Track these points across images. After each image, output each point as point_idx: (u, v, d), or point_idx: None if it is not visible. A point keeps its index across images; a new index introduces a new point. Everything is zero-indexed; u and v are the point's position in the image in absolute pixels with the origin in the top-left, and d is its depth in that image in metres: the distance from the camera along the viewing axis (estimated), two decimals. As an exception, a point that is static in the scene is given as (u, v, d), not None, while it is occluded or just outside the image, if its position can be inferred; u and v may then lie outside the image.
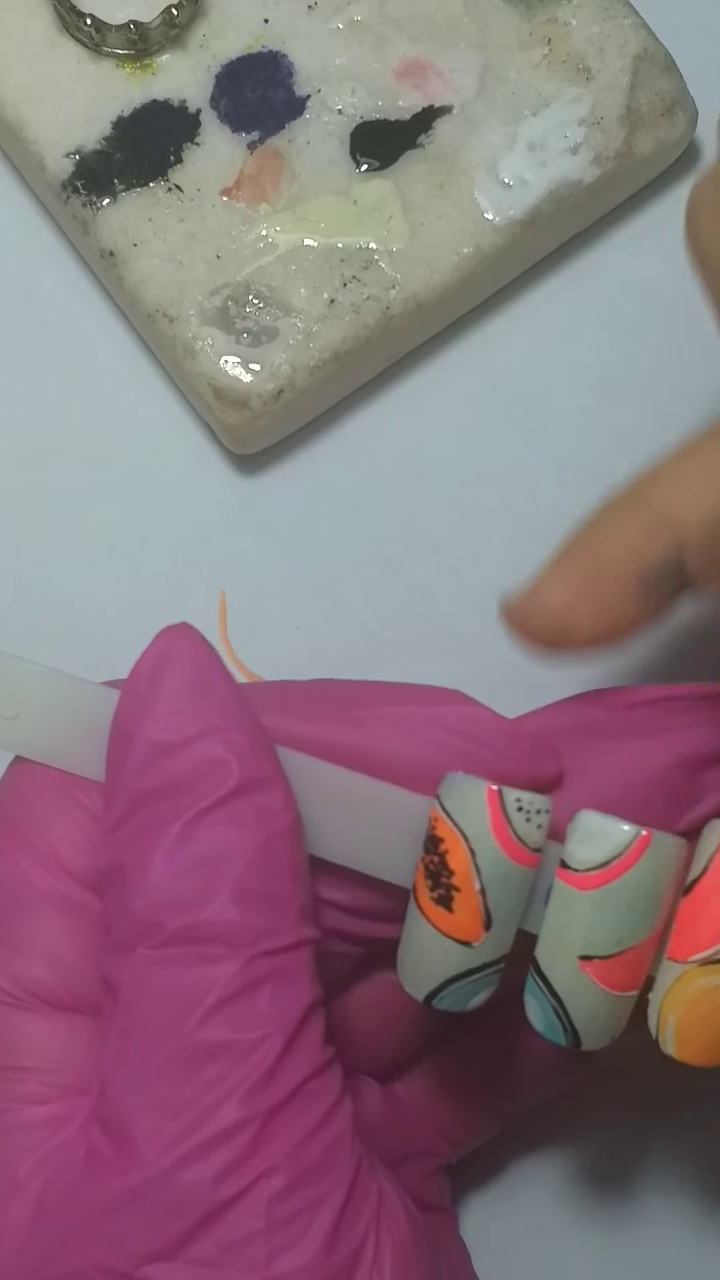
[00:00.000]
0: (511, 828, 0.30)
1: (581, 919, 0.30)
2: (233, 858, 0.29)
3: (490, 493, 0.43)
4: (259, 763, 0.30)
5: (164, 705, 0.30)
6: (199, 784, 0.29)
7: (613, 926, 0.30)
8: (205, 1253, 0.28)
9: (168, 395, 0.44)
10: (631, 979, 0.30)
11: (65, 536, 0.43)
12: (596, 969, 0.30)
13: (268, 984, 0.29)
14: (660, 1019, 0.30)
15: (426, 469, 0.44)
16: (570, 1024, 0.30)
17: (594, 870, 0.29)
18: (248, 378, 0.41)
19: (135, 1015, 0.29)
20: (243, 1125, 0.28)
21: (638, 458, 0.44)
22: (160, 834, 0.29)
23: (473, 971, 0.30)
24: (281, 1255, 0.28)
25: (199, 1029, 0.28)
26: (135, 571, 0.42)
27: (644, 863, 0.29)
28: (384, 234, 0.42)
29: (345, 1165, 0.29)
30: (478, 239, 0.42)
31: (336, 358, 0.41)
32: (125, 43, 0.42)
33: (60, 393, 0.44)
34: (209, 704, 0.30)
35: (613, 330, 0.45)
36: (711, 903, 0.30)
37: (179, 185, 0.42)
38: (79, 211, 0.42)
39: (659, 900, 0.30)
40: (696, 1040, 0.30)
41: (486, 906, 0.30)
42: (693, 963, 0.30)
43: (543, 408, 0.44)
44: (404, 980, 0.31)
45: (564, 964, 0.30)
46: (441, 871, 0.30)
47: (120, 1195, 0.28)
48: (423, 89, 0.43)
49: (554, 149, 0.43)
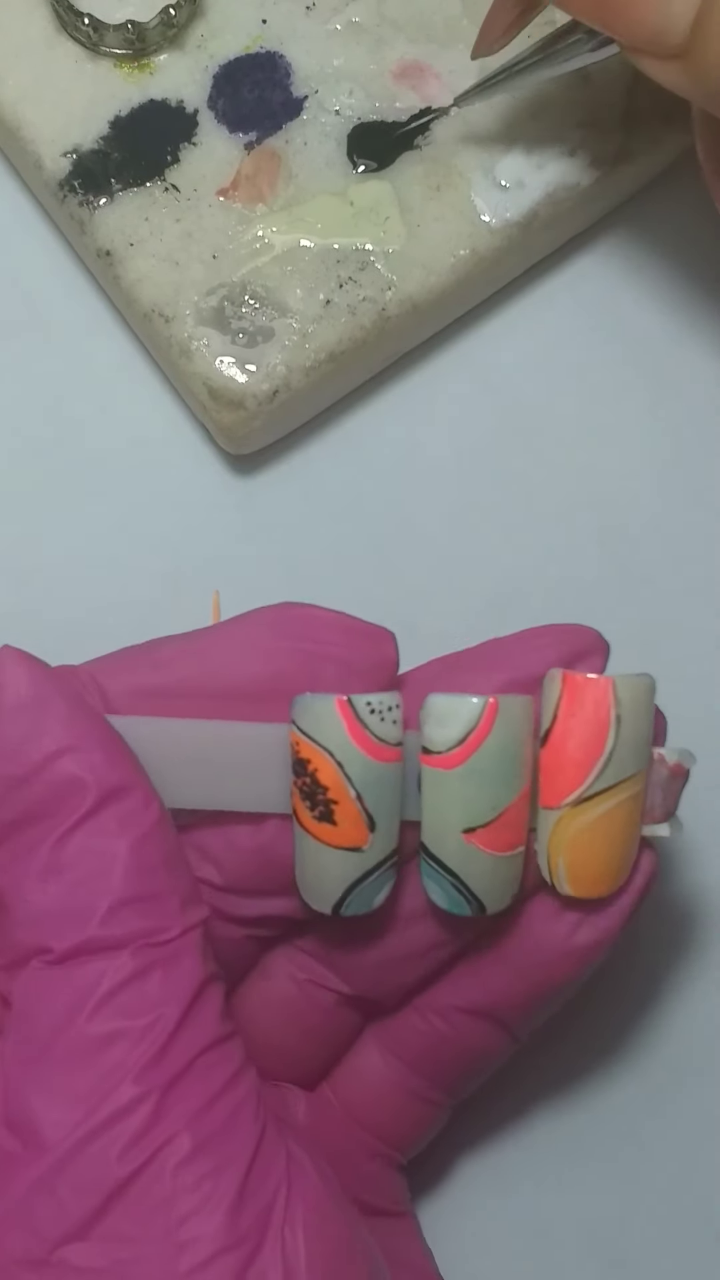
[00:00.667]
0: (369, 730, 0.31)
1: (456, 795, 0.31)
2: (105, 870, 0.30)
3: (485, 494, 0.43)
4: (113, 771, 0.30)
5: (5, 737, 0.30)
6: (59, 807, 0.30)
7: (486, 795, 0.31)
8: (117, 1227, 0.28)
9: (163, 395, 0.44)
10: (514, 837, 0.32)
11: (60, 536, 0.43)
12: (481, 837, 0.31)
13: (156, 970, 0.30)
14: (551, 864, 0.32)
15: (422, 470, 0.44)
16: (470, 894, 0.32)
17: (455, 748, 0.31)
18: (243, 378, 0.41)
19: (30, 1019, 0.30)
20: (140, 1100, 0.29)
21: (633, 460, 0.44)
22: (29, 861, 0.30)
23: (368, 873, 0.32)
24: (190, 1220, 0.28)
25: (92, 1020, 0.29)
26: (130, 571, 0.42)
27: (498, 728, 0.31)
28: (380, 235, 0.42)
29: (248, 1129, 0.30)
30: (474, 241, 0.42)
31: (332, 359, 0.41)
32: (123, 42, 0.42)
33: (55, 392, 0.44)
34: (49, 725, 0.30)
35: (609, 333, 0.45)
36: (567, 747, 0.32)
37: (176, 185, 0.42)
38: (76, 211, 0.42)
39: (520, 758, 0.31)
40: (588, 875, 0.32)
41: (367, 810, 0.31)
42: (566, 805, 0.32)
43: (539, 410, 0.44)
44: (308, 899, 0.32)
45: (450, 841, 0.31)
46: (316, 790, 0.31)
47: (29, 1185, 0.29)
48: (420, 91, 0.43)
49: (551, 151, 0.43)
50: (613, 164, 0.43)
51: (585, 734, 0.31)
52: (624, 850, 0.32)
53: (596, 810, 0.32)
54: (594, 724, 0.31)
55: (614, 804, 0.32)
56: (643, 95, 0.43)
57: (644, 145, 0.43)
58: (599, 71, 0.43)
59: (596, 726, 0.31)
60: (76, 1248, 0.29)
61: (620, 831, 0.32)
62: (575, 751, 0.31)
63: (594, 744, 0.31)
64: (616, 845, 0.32)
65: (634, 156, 0.43)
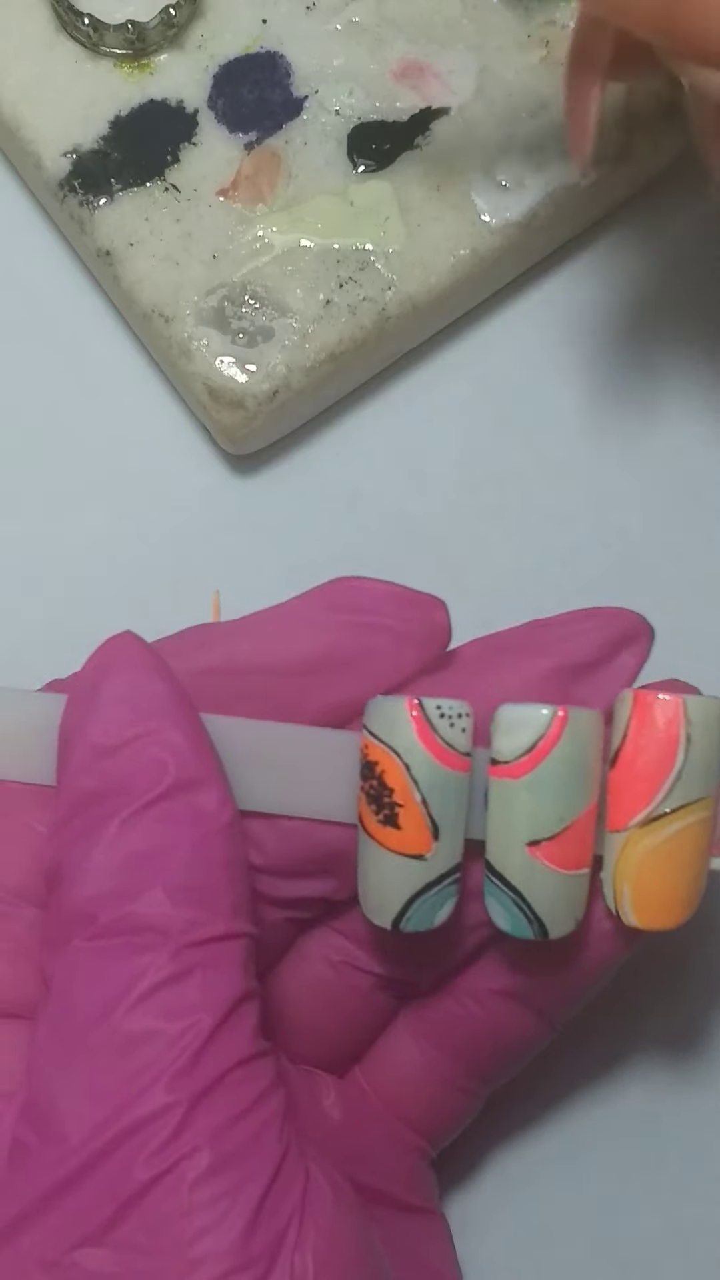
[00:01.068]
0: (438, 734, 0.31)
1: (522, 806, 0.31)
2: (167, 853, 0.30)
3: (485, 494, 0.43)
4: (195, 762, 0.31)
5: (104, 709, 0.31)
6: (136, 783, 0.30)
7: (552, 805, 0.31)
8: (131, 1236, 0.28)
9: (163, 395, 0.44)
10: (580, 855, 0.31)
11: (60, 535, 0.43)
12: (546, 851, 0.31)
13: (198, 972, 0.30)
14: (616, 892, 0.32)
15: (422, 470, 0.44)
16: (533, 913, 0.31)
17: (522, 757, 0.31)
18: (243, 378, 0.41)
19: (66, 1004, 0.30)
20: (168, 1109, 0.29)
21: (634, 460, 0.44)
22: (98, 832, 0.30)
23: (431, 885, 0.31)
24: (204, 1237, 0.28)
25: (128, 1016, 0.29)
26: (130, 571, 0.42)
27: (566, 738, 0.31)
28: (380, 235, 0.42)
29: (270, 1150, 0.29)
30: (474, 241, 0.42)
31: (332, 359, 0.41)
32: (123, 42, 0.42)
33: (55, 392, 0.44)
34: (146, 706, 0.31)
35: (609, 333, 0.45)
36: (636, 765, 0.31)
37: (176, 185, 0.42)
38: (76, 211, 0.42)
39: (588, 772, 0.31)
40: (654, 903, 0.32)
41: (431, 815, 0.31)
42: (633, 827, 0.31)
43: (539, 410, 0.44)
44: (369, 913, 0.32)
45: (515, 854, 0.31)
46: (382, 792, 0.31)
47: (50, 1185, 0.29)
48: (420, 90, 0.43)
49: (551, 151, 0.43)
50: (613, 164, 0.43)
51: (654, 752, 0.31)
52: (691, 878, 0.32)
53: (664, 832, 0.31)
54: (663, 742, 0.31)
55: (682, 826, 0.31)
56: (643, 95, 0.43)
57: (644, 145, 0.43)
58: (599, 71, 0.43)
59: (666, 745, 0.31)
60: (90, 1252, 0.28)
61: (688, 856, 0.32)
62: (644, 769, 0.31)
63: (663, 762, 0.31)
64: (684, 872, 0.32)
65: (634, 156, 0.43)
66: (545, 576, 0.43)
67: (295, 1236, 0.29)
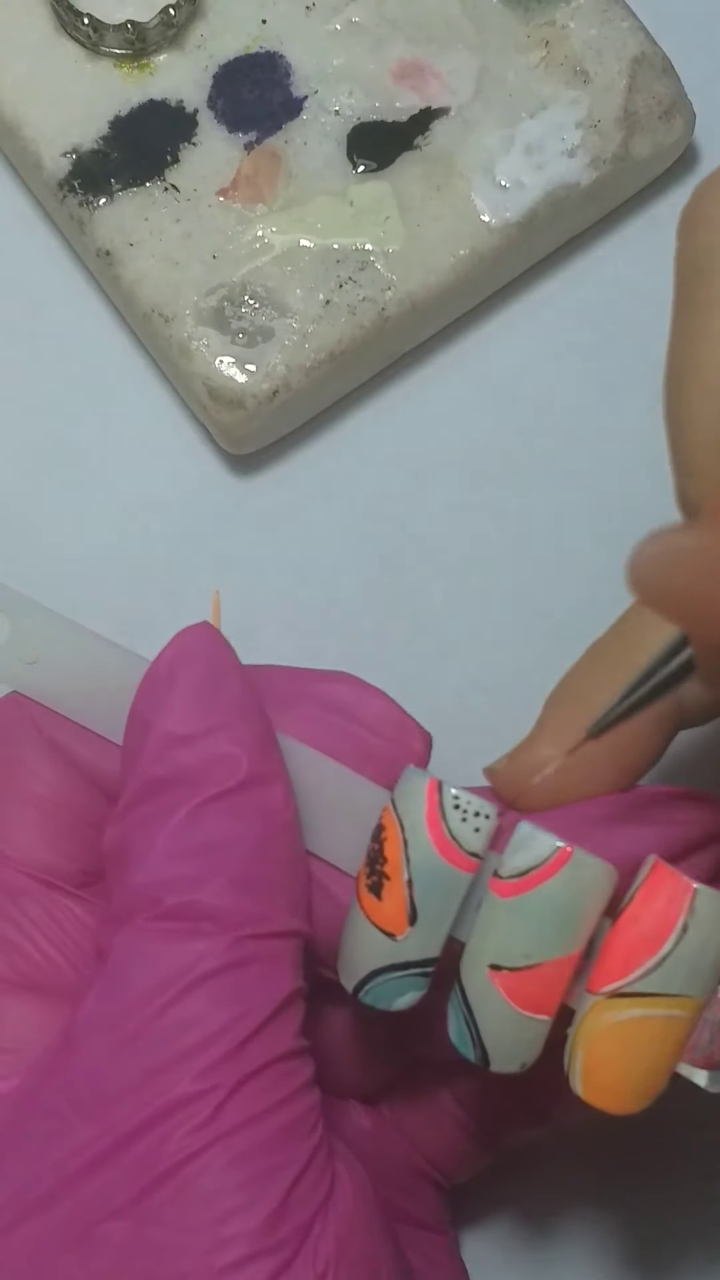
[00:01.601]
0: (446, 824, 0.30)
1: (497, 927, 0.30)
2: (232, 847, 0.30)
3: (485, 494, 0.43)
4: (265, 760, 0.31)
5: (180, 699, 0.31)
6: (208, 776, 0.31)
7: (522, 937, 0.29)
8: (160, 1212, 0.29)
9: (163, 395, 0.44)
10: (541, 1000, 0.30)
11: (59, 536, 0.43)
12: (505, 980, 0.30)
13: (253, 965, 0.30)
14: (570, 1055, 0.30)
15: (422, 470, 0.44)
16: (479, 1038, 0.30)
17: (515, 878, 0.30)
18: (243, 378, 0.41)
19: (120, 979, 0.30)
20: (208, 1092, 0.29)
21: (633, 460, 0.44)
22: (166, 819, 0.31)
23: (397, 967, 0.30)
24: (233, 1217, 0.28)
25: (181, 998, 0.29)
26: (129, 571, 0.42)
27: (561, 877, 0.29)
28: (380, 235, 0.42)
29: (303, 1144, 0.30)
30: (474, 241, 0.42)
31: (332, 359, 0.41)
32: (123, 42, 0.42)
33: (55, 392, 0.44)
34: (222, 701, 0.31)
35: (609, 333, 0.45)
36: (628, 934, 0.29)
37: (176, 185, 0.42)
38: (75, 210, 0.42)
39: (574, 920, 0.29)
40: (600, 1081, 0.30)
41: (412, 899, 0.30)
42: (602, 995, 0.29)
43: (539, 410, 0.44)
44: (340, 971, 0.32)
45: (477, 973, 0.30)
46: (377, 859, 0.31)
47: (87, 1158, 0.29)
48: (420, 91, 0.43)
49: (551, 151, 0.43)
50: (613, 164, 0.43)
51: (647, 927, 0.29)
52: (646, 1070, 0.30)
53: (629, 1012, 0.29)
54: (658, 922, 0.29)
55: (645, 1015, 0.29)
56: (643, 95, 0.43)
57: (644, 145, 0.43)
58: (599, 71, 0.43)
59: (660, 925, 0.29)
60: (119, 1226, 0.29)
61: (646, 1047, 0.29)
62: (632, 940, 0.29)
63: (651, 941, 0.29)
64: (638, 1061, 0.30)
65: (634, 156, 0.43)
66: (545, 576, 0.43)
67: (321, 1226, 0.29)
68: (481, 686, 0.42)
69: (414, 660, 0.42)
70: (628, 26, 0.43)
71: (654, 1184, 0.40)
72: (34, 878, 0.33)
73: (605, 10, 0.43)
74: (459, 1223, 0.38)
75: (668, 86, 0.43)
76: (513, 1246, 0.40)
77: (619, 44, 0.43)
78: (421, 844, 0.30)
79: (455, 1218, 0.37)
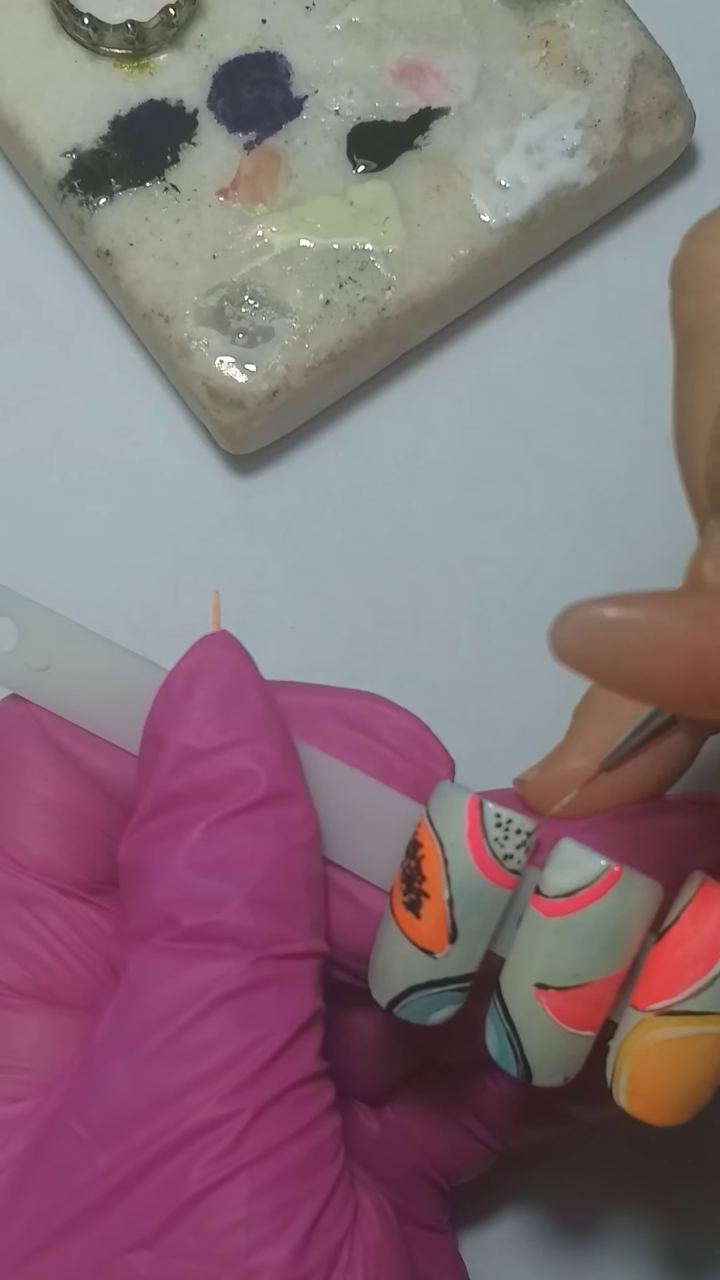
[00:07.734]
0: (487, 842, 0.30)
1: (543, 946, 0.29)
2: (251, 864, 0.30)
3: (485, 495, 0.43)
4: (285, 775, 0.30)
5: (197, 712, 0.31)
6: (226, 791, 0.30)
7: (571, 958, 0.29)
8: (185, 1242, 0.28)
9: (163, 395, 0.44)
10: (587, 1017, 0.30)
11: (59, 536, 0.43)
12: (551, 1000, 0.30)
13: (273, 986, 0.29)
14: (615, 1068, 0.30)
15: (422, 471, 0.44)
16: (522, 1053, 0.30)
17: (561, 898, 0.29)
18: (243, 378, 0.41)
19: (138, 999, 0.29)
20: (230, 1118, 0.28)
21: (633, 460, 0.44)
22: (184, 835, 0.30)
23: (435, 984, 0.30)
24: (260, 1250, 0.28)
25: (200, 1020, 0.29)
26: (129, 571, 0.42)
27: (610, 898, 0.29)
28: (380, 235, 0.42)
29: (327, 1171, 0.29)
30: (474, 241, 0.42)
31: (332, 359, 0.41)
32: (123, 42, 0.42)
33: (55, 392, 0.44)
34: (241, 714, 0.31)
35: (609, 333, 0.45)
36: (677, 953, 0.29)
37: (176, 185, 0.42)
38: (75, 211, 0.42)
39: (623, 940, 0.29)
40: (645, 1095, 0.30)
41: (453, 918, 0.30)
42: (650, 1012, 0.29)
43: (539, 410, 0.44)
44: (371, 984, 0.31)
45: (521, 990, 0.30)
46: (415, 876, 0.30)
47: (108, 1189, 0.28)
48: (420, 90, 0.43)
49: (551, 151, 0.43)
50: (613, 164, 0.43)
51: (698, 947, 0.29)
52: (693, 1087, 0.30)
53: (679, 1030, 0.29)
54: (710, 941, 0.29)
55: (699, 1033, 0.29)
56: (643, 95, 0.43)
57: (644, 145, 0.43)
58: (599, 71, 0.43)
59: (711, 945, 0.29)
60: (144, 1256, 0.28)
61: (695, 1064, 0.29)
62: (682, 959, 0.29)
63: (702, 960, 0.29)
64: (686, 1079, 0.29)
65: (634, 156, 0.43)
66: (545, 576, 0.43)
67: (348, 1256, 0.29)
68: (481, 687, 0.42)
69: (413, 660, 0.42)
70: (628, 26, 0.43)
71: (655, 1184, 0.40)
72: (51, 885, 0.32)
73: (605, 10, 0.43)
74: (459, 1223, 0.38)
75: (668, 86, 0.43)
76: (513, 1246, 0.40)
77: (619, 44, 0.43)
78: (463, 863, 0.30)
79: (455, 1218, 0.37)
